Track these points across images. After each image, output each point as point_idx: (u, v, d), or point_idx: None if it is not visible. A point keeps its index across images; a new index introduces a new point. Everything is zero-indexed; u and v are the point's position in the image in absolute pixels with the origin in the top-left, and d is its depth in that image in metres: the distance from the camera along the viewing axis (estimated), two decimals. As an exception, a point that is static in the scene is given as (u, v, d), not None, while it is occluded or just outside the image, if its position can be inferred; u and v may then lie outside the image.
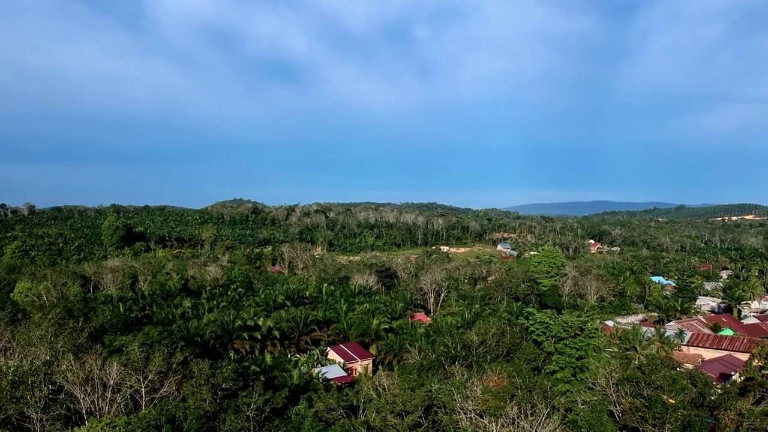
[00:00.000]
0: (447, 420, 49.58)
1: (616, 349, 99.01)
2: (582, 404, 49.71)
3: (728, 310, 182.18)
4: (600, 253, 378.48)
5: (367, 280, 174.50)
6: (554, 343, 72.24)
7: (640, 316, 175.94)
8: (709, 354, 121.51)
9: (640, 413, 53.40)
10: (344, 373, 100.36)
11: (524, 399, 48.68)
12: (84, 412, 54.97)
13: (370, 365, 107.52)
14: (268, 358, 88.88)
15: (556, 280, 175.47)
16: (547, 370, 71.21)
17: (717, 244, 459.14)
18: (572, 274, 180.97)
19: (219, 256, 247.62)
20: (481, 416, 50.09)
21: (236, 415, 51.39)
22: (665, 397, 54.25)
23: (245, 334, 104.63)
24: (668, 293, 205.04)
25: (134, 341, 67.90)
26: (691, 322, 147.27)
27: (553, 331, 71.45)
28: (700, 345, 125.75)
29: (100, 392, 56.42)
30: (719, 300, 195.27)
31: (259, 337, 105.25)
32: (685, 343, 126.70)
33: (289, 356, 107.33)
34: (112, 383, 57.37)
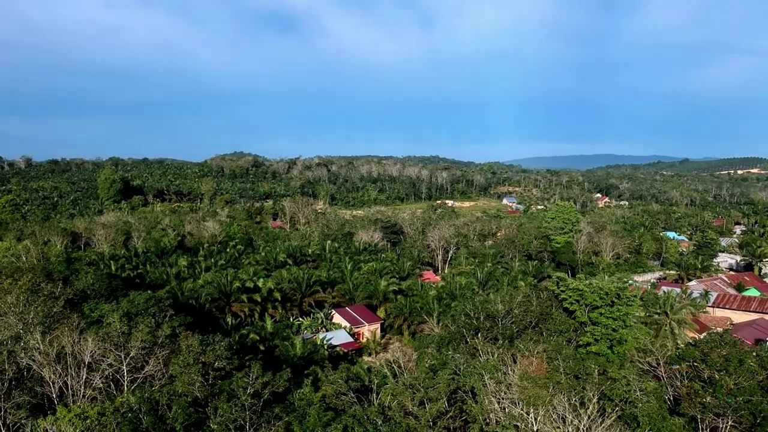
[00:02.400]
0: (478, 410, 41.99)
1: (642, 313, 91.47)
2: (637, 390, 42.09)
3: (748, 267, 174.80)
4: (608, 207, 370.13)
5: (372, 237, 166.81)
6: (588, 312, 64.51)
7: (657, 274, 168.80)
8: (737, 317, 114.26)
9: (699, 399, 45.88)
10: (351, 339, 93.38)
11: (571, 388, 40.99)
12: (55, 396, 47.50)
13: (378, 330, 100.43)
14: (268, 323, 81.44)
15: (569, 237, 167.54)
16: (581, 343, 63.63)
17: (726, 199, 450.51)
18: (587, 230, 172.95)
19: (218, 210, 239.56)
20: (514, 404, 42.56)
21: (230, 402, 43.85)
22: (728, 380, 46.61)
23: (244, 297, 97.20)
24: (684, 250, 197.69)
25: (117, 310, 60.09)
26: (714, 282, 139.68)
27: (588, 298, 63.62)
28: (727, 306, 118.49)
29: (74, 372, 48.89)
30: (739, 257, 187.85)
31: (259, 299, 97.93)
32: (710, 304, 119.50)
33: (291, 320, 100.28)
34: (87, 361, 49.81)
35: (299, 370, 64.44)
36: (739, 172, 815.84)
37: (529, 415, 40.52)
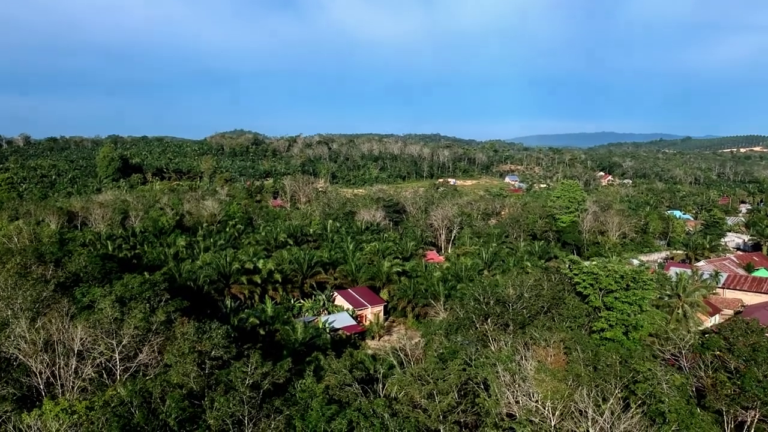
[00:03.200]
0: (491, 404, 39.32)
1: (653, 296, 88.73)
2: (663, 384, 39.26)
3: (756, 247, 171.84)
4: (611, 185, 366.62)
5: (374, 216, 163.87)
6: (602, 296, 61.70)
7: (664, 254, 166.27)
8: (748, 298, 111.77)
9: (726, 391, 43.19)
10: (353, 322, 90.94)
11: (591, 381, 38.25)
12: (42, 388, 44.88)
13: (382, 312, 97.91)
14: (269, 306, 78.78)
15: (575, 216, 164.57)
16: (594, 328, 60.91)
17: (730, 177, 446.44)
18: (592, 209, 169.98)
19: (218, 189, 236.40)
20: (530, 397, 39.93)
21: (227, 395, 41.16)
22: (757, 371, 43.84)
23: (243, 278, 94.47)
24: (690, 229, 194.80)
25: (109, 295, 57.27)
26: (723, 262, 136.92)
27: (602, 282, 60.78)
28: (738, 288, 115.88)
29: (63, 362, 46.25)
30: (746, 237, 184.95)
31: (259, 281, 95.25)
32: (720, 285, 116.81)
33: (292, 302, 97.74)
34: (77, 350, 47.20)
35: (301, 357, 61.95)
36: (742, 150, 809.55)
37: (546, 409, 37.90)
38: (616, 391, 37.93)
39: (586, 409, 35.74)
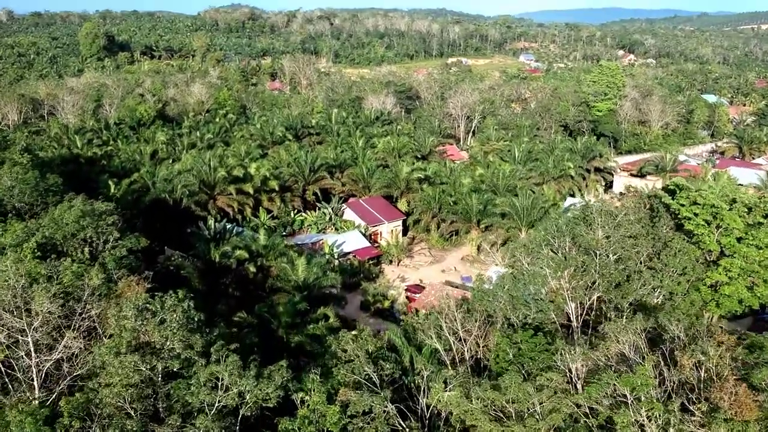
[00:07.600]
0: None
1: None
2: None
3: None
4: (633, 65, 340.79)
5: (383, 103, 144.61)
6: (719, 236, 44.51)
7: (708, 146, 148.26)
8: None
9: None
10: (367, 243, 74.64)
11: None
12: None
13: (400, 228, 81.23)
14: (262, 237, 61.65)
15: (613, 104, 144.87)
16: (707, 282, 44.24)
17: (759, 56, 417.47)
18: (632, 95, 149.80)
19: (210, 70, 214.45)
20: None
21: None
22: None
23: (231, 188, 77.24)
24: (734, 117, 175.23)
25: (29, 238, 40.27)
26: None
27: (726, 219, 43.46)
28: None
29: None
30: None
31: (251, 191, 78.16)
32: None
33: (292, 215, 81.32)
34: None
35: (302, 314, 45.88)
36: (764, 27, 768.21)
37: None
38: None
39: None
